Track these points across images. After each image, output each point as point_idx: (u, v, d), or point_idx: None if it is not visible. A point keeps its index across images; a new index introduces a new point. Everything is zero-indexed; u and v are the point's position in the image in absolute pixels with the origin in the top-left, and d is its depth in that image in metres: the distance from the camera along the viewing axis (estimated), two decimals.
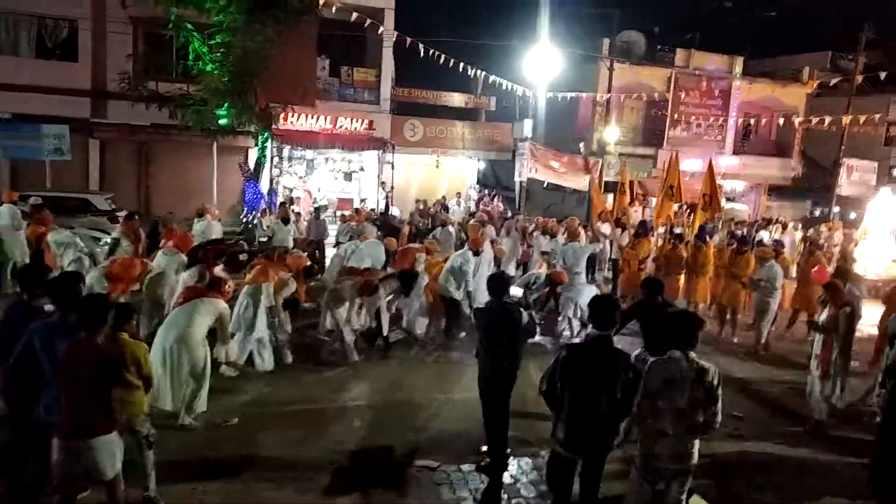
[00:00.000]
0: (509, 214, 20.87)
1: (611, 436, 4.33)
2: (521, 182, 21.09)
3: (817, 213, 27.41)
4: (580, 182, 20.51)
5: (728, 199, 25.73)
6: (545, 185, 23.23)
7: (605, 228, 14.07)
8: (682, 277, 11.62)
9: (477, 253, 9.46)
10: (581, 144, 23.83)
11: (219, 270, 8.36)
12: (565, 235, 12.02)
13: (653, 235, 13.27)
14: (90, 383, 4.05)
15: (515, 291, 8.95)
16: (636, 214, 20.94)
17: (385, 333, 8.85)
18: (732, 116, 26.18)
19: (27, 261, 10.27)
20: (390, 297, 8.99)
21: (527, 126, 23.04)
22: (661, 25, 27.65)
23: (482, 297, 9.66)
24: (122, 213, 13.29)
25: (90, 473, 4.13)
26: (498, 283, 5.95)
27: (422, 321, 9.52)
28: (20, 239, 10.79)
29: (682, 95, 25.37)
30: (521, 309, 5.90)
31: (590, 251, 12.07)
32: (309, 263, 9.30)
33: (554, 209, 23.13)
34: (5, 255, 10.73)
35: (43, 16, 18.58)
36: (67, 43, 18.96)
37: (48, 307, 4.70)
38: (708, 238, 12.26)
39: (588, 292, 8.92)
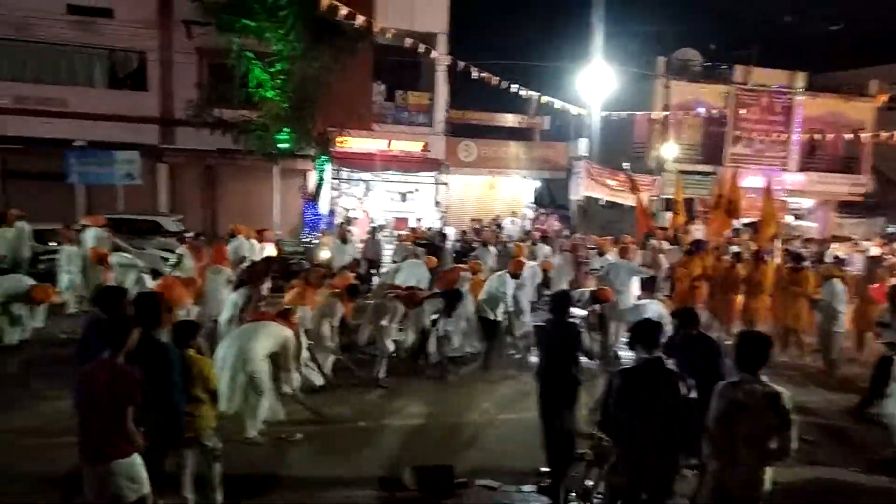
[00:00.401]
0: (566, 233, 20.74)
1: (674, 467, 4.19)
2: (576, 201, 20.97)
3: (890, 229, 26.15)
4: (643, 199, 20.24)
5: (795, 217, 24.89)
6: (602, 203, 23.01)
7: (661, 247, 13.75)
8: (741, 297, 11.21)
9: (516, 276, 9.36)
10: (627, 164, 23.46)
11: (265, 289, 8.54)
12: (616, 253, 11.80)
13: (706, 253, 12.88)
14: (107, 405, 3.86)
15: (577, 310, 8.82)
16: (698, 232, 20.51)
17: (430, 351, 8.83)
18: (796, 132, 25.39)
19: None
20: (435, 316, 8.96)
21: (582, 145, 22.91)
22: (718, 42, 27.15)
23: (526, 318, 9.66)
24: (190, 234, 13.83)
25: (115, 498, 3.91)
26: (560, 301, 5.90)
27: (469, 340, 9.50)
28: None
29: (742, 112, 24.79)
30: (582, 328, 5.84)
31: (643, 273, 11.77)
32: (354, 282, 9.35)
33: (612, 227, 22.82)
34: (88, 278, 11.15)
35: (115, 49, 19.62)
36: (138, 73, 19.96)
37: None
38: (766, 256, 11.81)
39: (640, 313, 8.78)
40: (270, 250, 12.65)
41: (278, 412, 6.68)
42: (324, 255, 13.46)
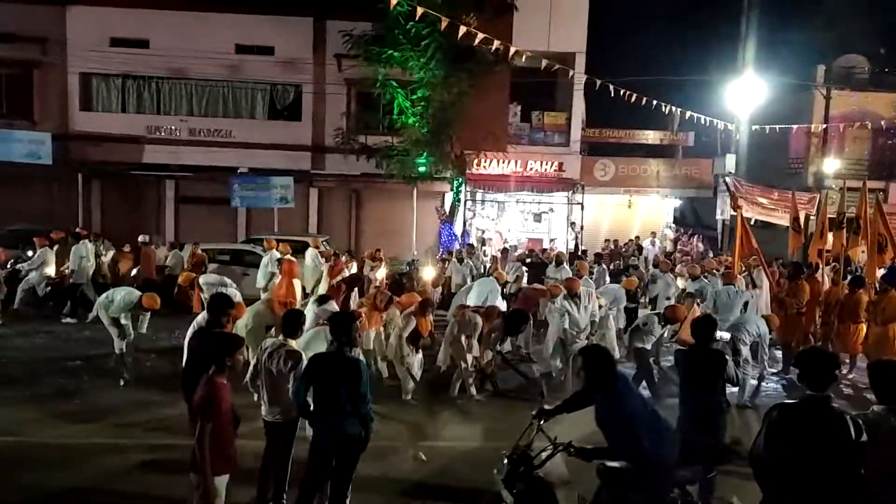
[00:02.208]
0: (710, 254, 19.69)
1: None
2: (723, 220, 19.84)
3: None
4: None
5: None
6: (752, 223, 21.56)
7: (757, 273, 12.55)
8: (864, 328, 10.01)
9: (573, 295, 9.06)
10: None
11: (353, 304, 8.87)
12: (722, 276, 10.98)
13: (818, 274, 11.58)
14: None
15: (723, 335, 8.31)
16: (863, 254, 18.66)
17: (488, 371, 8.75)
18: None
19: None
20: (494, 335, 8.73)
21: (729, 161, 21.73)
22: (887, 47, 24.63)
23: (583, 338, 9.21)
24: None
25: None
26: (703, 326, 5.65)
27: (552, 363, 9.31)
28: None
29: None
30: (727, 356, 5.56)
31: (745, 297, 10.88)
32: (427, 298, 9.27)
33: (764, 248, 21.34)
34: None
35: (275, 83, 21.44)
36: (294, 105, 21.63)
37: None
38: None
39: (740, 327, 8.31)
40: (381, 271, 13.11)
41: None
42: (427, 274, 13.71)
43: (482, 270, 14.73)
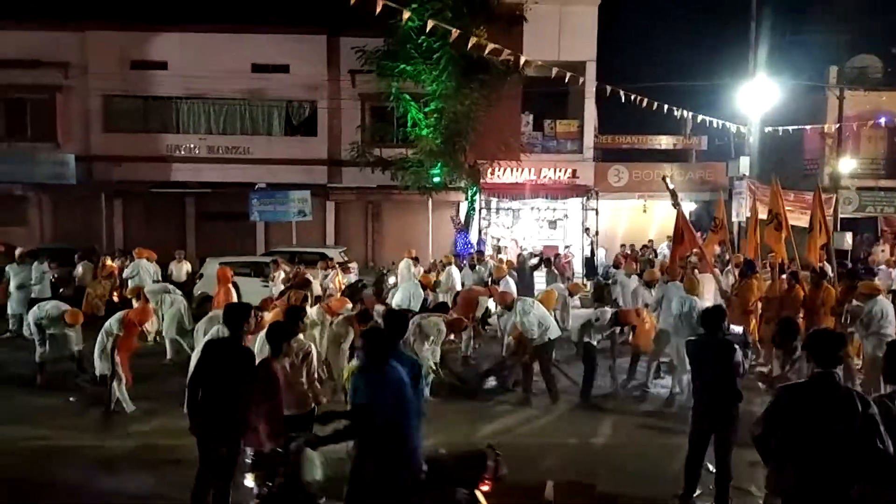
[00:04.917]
0: (727, 257, 19.63)
1: (845, 490, 3.83)
2: (739, 222, 19.83)
3: None
4: (803, 219, 18.70)
5: None
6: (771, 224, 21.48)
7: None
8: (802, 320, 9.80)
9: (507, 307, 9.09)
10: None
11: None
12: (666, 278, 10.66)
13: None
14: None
15: (735, 328, 8.40)
16: (883, 254, 18.55)
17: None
18: None
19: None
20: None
21: (743, 163, 21.67)
22: None
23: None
24: (352, 265, 15.09)
25: None
26: (713, 317, 5.79)
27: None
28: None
29: None
30: (737, 346, 5.68)
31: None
32: (350, 306, 8.97)
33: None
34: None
35: (291, 100, 21.84)
36: (309, 121, 22.02)
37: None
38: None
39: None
40: (336, 279, 13.17)
41: None
42: (391, 282, 14.03)
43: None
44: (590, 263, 18.78)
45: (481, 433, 7.51)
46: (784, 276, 10.75)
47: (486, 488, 4.27)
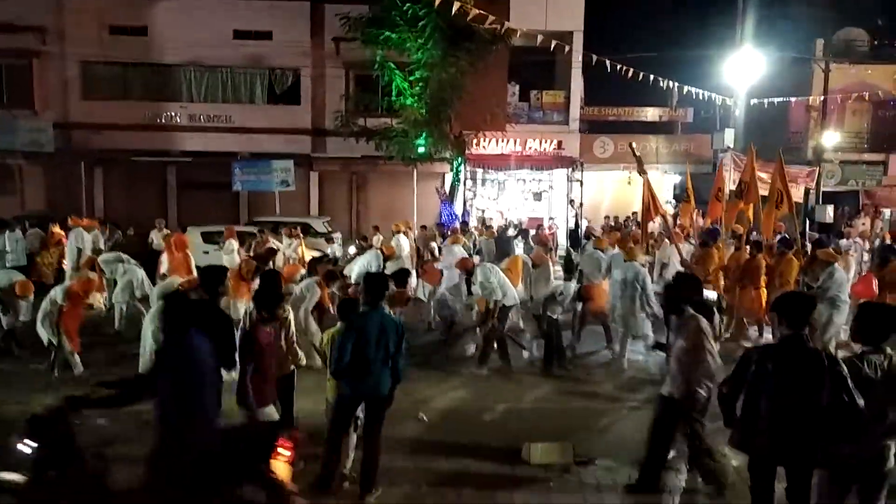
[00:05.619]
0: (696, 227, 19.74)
1: (816, 445, 3.94)
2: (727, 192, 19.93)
3: None
4: (796, 193, 18.78)
5: None
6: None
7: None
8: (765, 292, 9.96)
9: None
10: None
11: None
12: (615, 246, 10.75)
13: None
14: None
15: (710, 294, 8.46)
16: (864, 227, 18.74)
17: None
18: None
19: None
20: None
21: (728, 136, 21.69)
22: (886, 19, 24.48)
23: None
24: (336, 234, 15.03)
25: None
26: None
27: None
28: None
29: None
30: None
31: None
32: (331, 269, 9.09)
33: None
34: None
35: (273, 68, 21.48)
36: (292, 89, 21.69)
37: None
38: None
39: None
40: (298, 249, 13.02)
41: None
42: (351, 250, 14.36)
43: (475, 248, 14.82)
44: (574, 235, 18.80)
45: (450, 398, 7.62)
46: (748, 246, 10.74)
47: (284, 458, 3.96)
